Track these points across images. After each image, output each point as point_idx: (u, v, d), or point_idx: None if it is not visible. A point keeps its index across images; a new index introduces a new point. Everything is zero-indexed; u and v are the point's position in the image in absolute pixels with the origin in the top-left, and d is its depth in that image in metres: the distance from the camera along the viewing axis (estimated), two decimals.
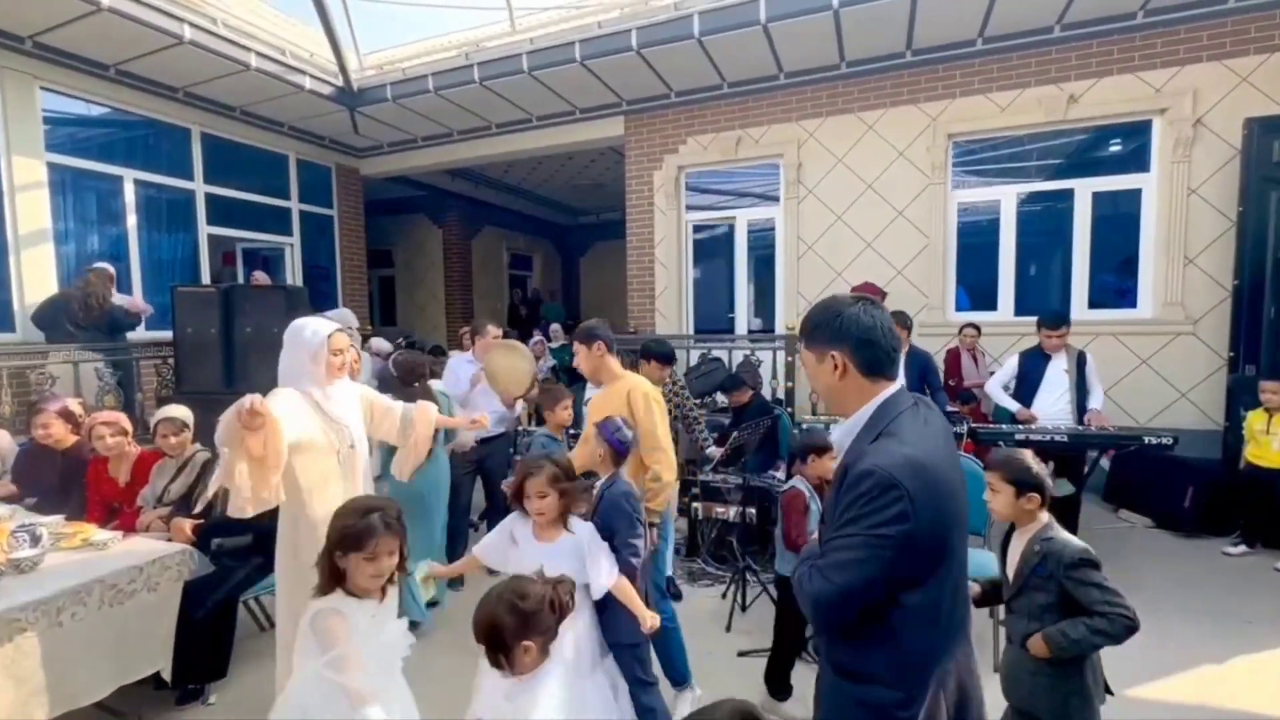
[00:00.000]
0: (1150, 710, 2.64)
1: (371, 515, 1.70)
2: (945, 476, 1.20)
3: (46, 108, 5.31)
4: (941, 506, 1.17)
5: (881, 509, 1.14)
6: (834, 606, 1.19)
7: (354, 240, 8.40)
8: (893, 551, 1.14)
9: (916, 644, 1.20)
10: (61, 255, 5.40)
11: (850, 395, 1.30)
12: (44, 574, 2.27)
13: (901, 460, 1.15)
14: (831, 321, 1.29)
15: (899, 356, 1.31)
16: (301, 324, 2.42)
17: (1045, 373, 4.18)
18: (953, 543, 1.21)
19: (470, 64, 6.15)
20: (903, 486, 1.13)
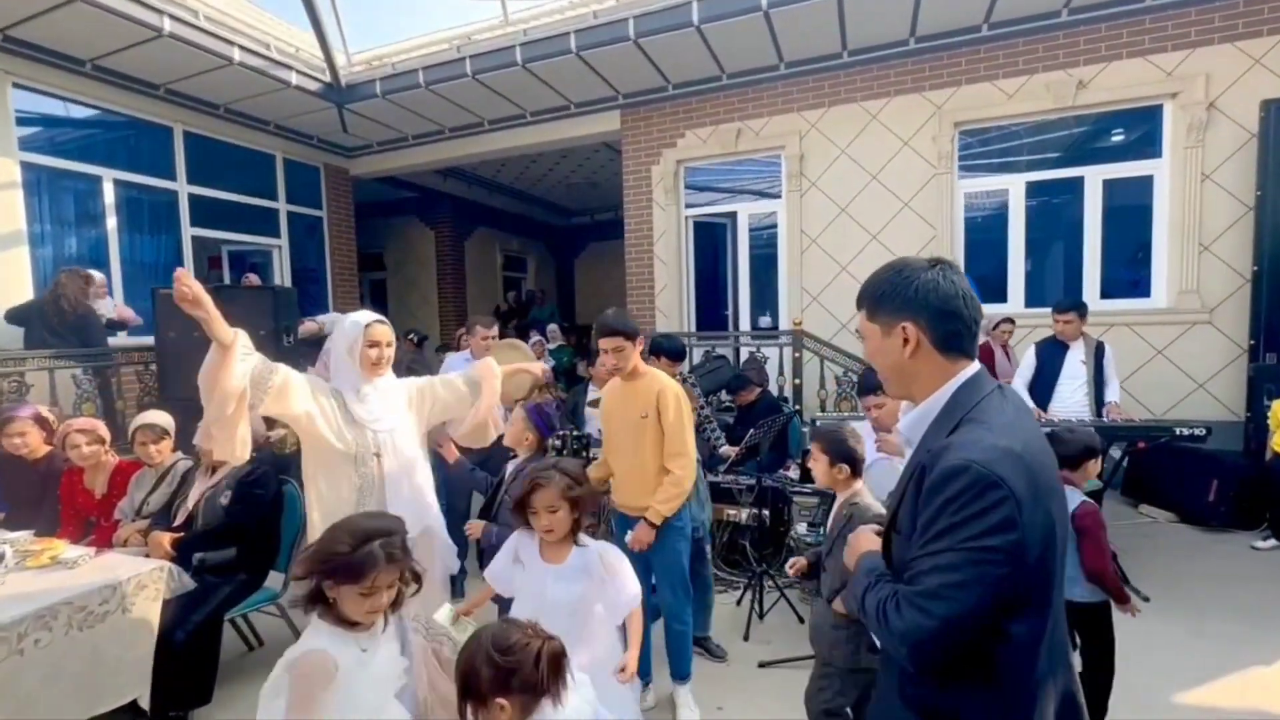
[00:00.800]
0: (1202, 716, 2.49)
1: (371, 543, 1.46)
2: (1047, 472, 1.00)
3: (19, 106, 5.09)
4: (1049, 508, 0.97)
5: (982, 515, 0.92)
6: (936, 644, 0.95)
7: (344, 242, 8.18)
8: (1002, 568, 0.92)
9: (1019, 676, 0.98)
10: (37, 258, 5.18)
11: (922, 376, 1.10)
12: (5, 597, 2.07)
13: (999, 453, 0.94)
14: (904, 288, 1.09)
15: (979, 331, 1.11)
16: (345, 315, 2.37)
17: (1063, 363, 4.06)
18: (1055, 558, 1.00)
19: (462, 57, 5.97)
20: (1006, 485, 0.92)
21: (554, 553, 1.91)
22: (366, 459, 2.18)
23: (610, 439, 2.64)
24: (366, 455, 2.18)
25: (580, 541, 1.93)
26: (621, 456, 2.57)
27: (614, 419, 2.60)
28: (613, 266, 7.26)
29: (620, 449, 2.57)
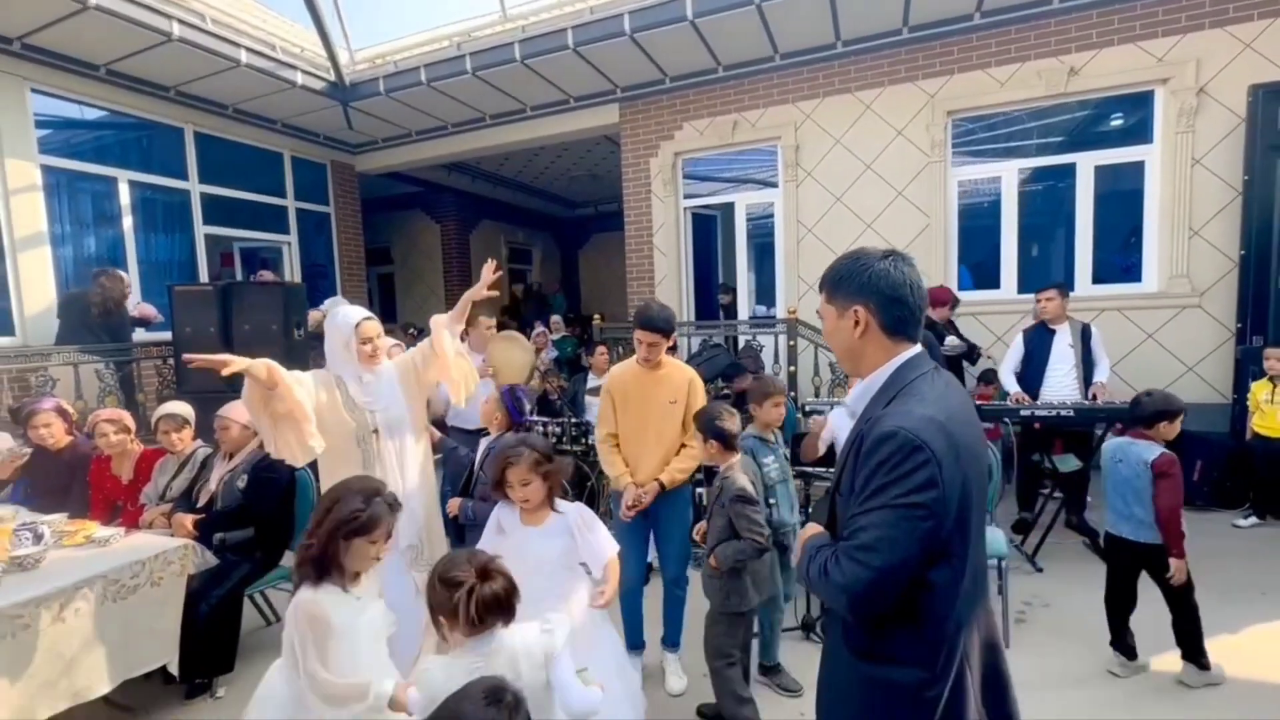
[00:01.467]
0: (1166, 679, 2.62)
1: (376, 500, 1.69)
2: (968, 439, 1.12)
3: (38, 111, 5.28)
4: (967, 471, 1.09)
5: (908, 475, 1.04)
6: (873, 593, 1.07)
7: (351, 237, 8.37)
8: (927, 522, 1.04)
9: (940, 620, 1.10)
10: (59, 258, 5.39)
11: (869, 355, 1.22)
12: (47, 571, 2.27)
13: (925, 421, 1.06)
14: (859, 274, 1.20)
15: (923, 317, 1.23)
16: (336, 312, 2.54)
17: (1051, 348, 4.15)
18: (975, 517, 1.12)
19: (462, 54, 6.10)
20: (929, 448, 1.04)
21: (533, 519, 2.09)
22: (366, 437, 2.41)
23: (629, 422, 2.69)
24: (366, 434, 2.42)
25: (557, 508, 2.11)
26: (644, 438, 2.66)
27: (634, 404, 2.67)
28: (616, 257, 7.39)
29: (641, 431, 2.67)
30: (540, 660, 1.45)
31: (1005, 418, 3.87)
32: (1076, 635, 2.96)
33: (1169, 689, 2.58)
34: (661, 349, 2.63)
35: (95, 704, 2.36)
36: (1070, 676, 2.67)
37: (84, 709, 2.29)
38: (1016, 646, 2.88)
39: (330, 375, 2.46)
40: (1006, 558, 3.03)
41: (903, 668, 1.12)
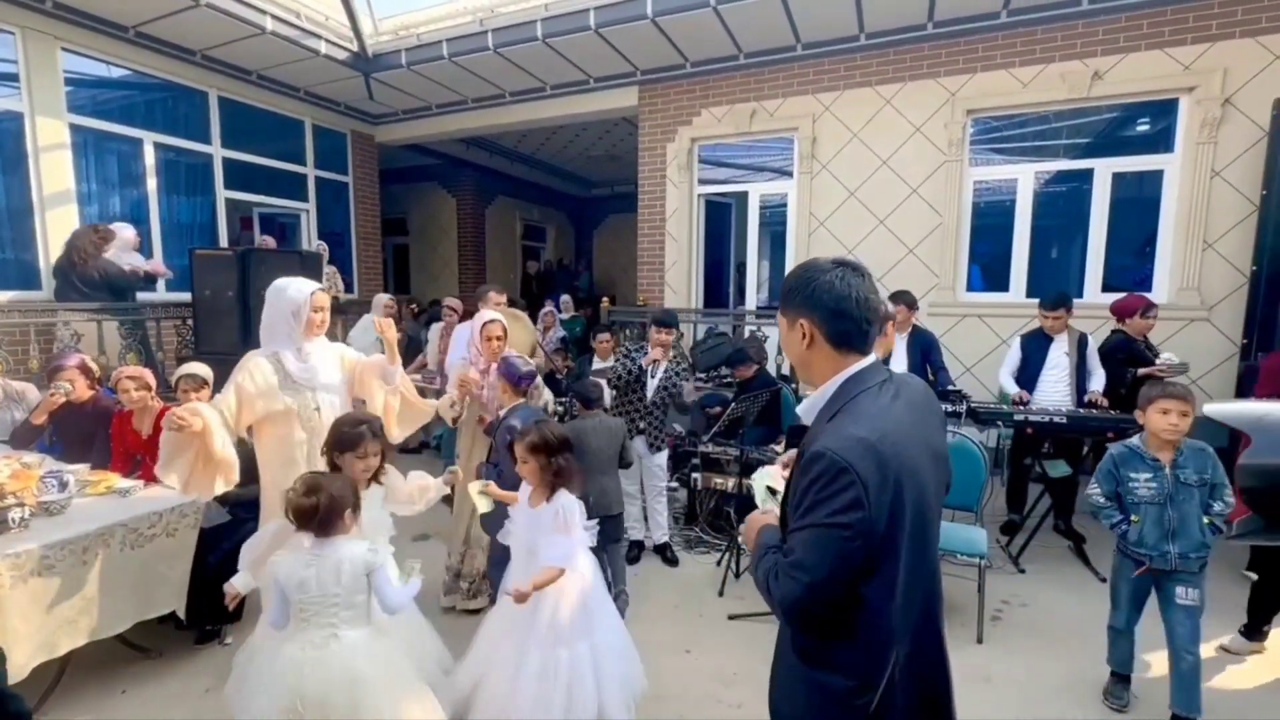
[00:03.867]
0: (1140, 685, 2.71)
1: (361, 425, 2.19)
2: (902, 455, 1.11)
3: (68, 69, 5.39)
4: (898, 490, 1.09)
5: (834, 495, 1.07)
6: (804, 608, 1.13)
7: (368, 207, 8.46)
8: (853, 542, 1.07)
9: (873, 633, 1.14)
10: (85, 216, 5.52)
11: (817, 367, 1.24)
12: (71, 517, 2.42)
13: (852, 442, 1.08)
14: (803, 287, 1.22)
15: (874, 330, 1.22)
16: (285, 282, 2.54)
17: (1047, 355, 4.18)
18: (909, 529, 1.12)
19: (484, 30, 6.11)
20: (853, 470, 1.06)
21: (535, 499, 2.19)
22: (309, 414, 2.51)
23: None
24: (309, 411, 2.51)
25: (554, 498, 2.17)
26: None
27: None
28: (631, 238, 7.43)
29: None
30: (361, 569, 1.82)
31: (999, 421, 3.92)
32: (1048, 634, 3.05)
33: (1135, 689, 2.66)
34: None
35: (113, 643, 2.53)
36: (1038, 673, 2.76)
37: (103, 648, 2.46)
38: (989, 643, 2.98)
39: (264, 358, 2.48)
40: (986, 557, 3.11)
41: (836, 674, 1.17)
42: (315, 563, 1.80)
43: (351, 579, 1.81)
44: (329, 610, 1.80)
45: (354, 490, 1.94)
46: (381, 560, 1.87)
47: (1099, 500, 2.56)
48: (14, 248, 5.22)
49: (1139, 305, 4.29)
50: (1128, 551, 2.50)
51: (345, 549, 1.83)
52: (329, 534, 1.84)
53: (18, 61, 5.07)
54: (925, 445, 1.20)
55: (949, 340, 5.54)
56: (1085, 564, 3.79)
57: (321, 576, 1.79)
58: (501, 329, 3.08)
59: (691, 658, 2.87)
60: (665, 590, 3.51)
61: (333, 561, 1.81)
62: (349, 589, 1.81)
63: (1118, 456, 2.51)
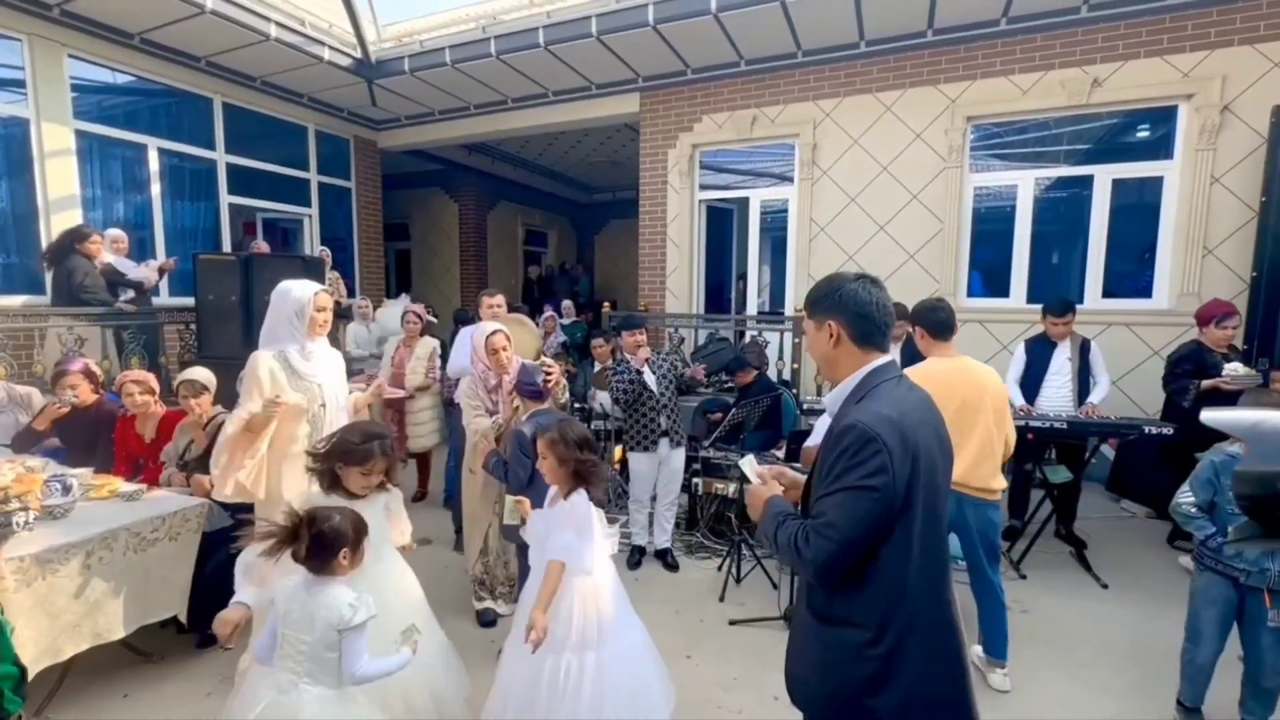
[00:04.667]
0: (1122, 691, 2.71)
1: (372, 441, 2.07)
2: (918, 433, 1.28)
3: (74, 75, 5.43)
4: (915, 461, 1.26)
5: (864, 461, 1.23)
6: (835, 563, 1.26)
7: (371, 212, 8.50)
8: (880, 504, 1.23)
9: (885, 589, 1.28)
10: (90, 221, 5.55)
11: (842, 362, 1.41)
12: (74, 521, 2.43)
13: (879, 418, 1.25)
14: (833, 294, 1.40)
15: (891, 332, 1.40)
16: (289, 284, 2.63)
17: (1051, 361, 4.19)
18: (923, 499, 1.27)
19: (487, 37, 6.15)
20: (880, 440, 1.22)
21: (554, 499, 2.19)
22: (315, 410, 2.58)
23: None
24: (315, 407, 2.58)
25: (571, 498, 2.13)
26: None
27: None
28: (632, 243, 7.46)
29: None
30: (335, 622, 1.65)
31: None
32: (1050, 640, 3.05)
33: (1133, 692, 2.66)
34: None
35: (115, 647, 2.53)
36: (1039, 679, 2.76)
37: (105, 652, 2.47)
38: None
39: (270, 356, 2.54)
40: None
41: (850, 629, 1.31)
42: (302, 599, 1.69)
43: (323, 630, 1.64)
44: (297, 657, 1.66)
45: (356, 527, 1.80)
46: (358, 620, 1.66)
47: (1190, 510, 2.40)
48: (19, 252, 5.25)
49: (1213, 313, 4.05)
50: (1219, 567, 2.34)
51: (329, 597, 1.68)
52: (320, 573, 1.71)
53: (24, 68, 5.11)
54: (935, 431, 1.36)
55: None
56: (1086, 569, 3.78)
57: (301, 617, 1.67)
58: (505, 339, 3.03)
59: (692, 663, 2.87)
60: (666, 596, 3.51)
61: (312, 606, 1.67)
62: (318, 640, 1.64)
63: (1220, 464, 2.34)
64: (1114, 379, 5.12)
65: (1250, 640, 2.33)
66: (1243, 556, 2.27)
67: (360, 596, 1.71)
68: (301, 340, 2.57)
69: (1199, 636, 2.42)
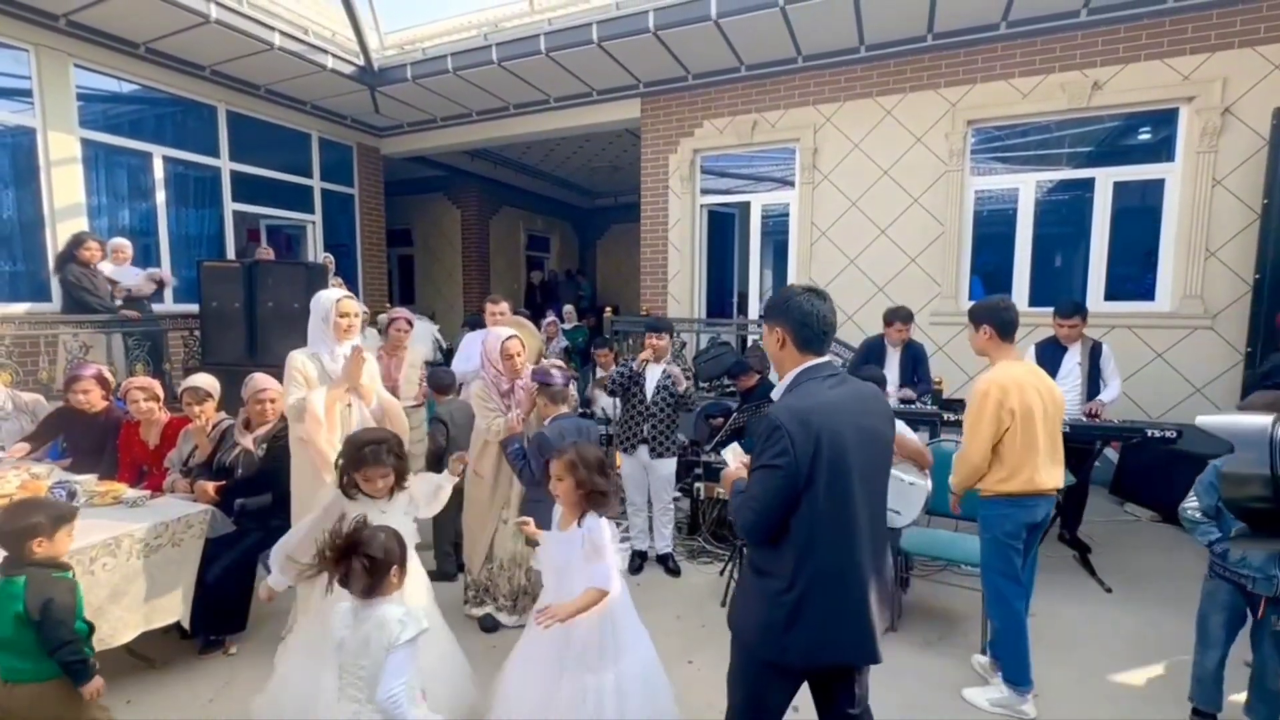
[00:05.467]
0: (1125, 695, 2.69)
1: (366, 448, 2.17)
2: (825, 423, 1.52)
3: (80, 84, 5.48)
4: (818, 446, 1.50)
5: (772, 445, 1.52)
6: (755, 527, 1.58)
7: (374, 218, 8.54)
8: (784, 479, 1.51)
9: (794, 549, 1.56)
10: (95, 229, 5.59)
11: (786, 361, 1.68)
12: (80, 527, 2.41)
13: (787, 409, 1.54)
14: (782, 304, 1.65)
15: (829, 338, 1.64)
16: (320, 293, 2.84)
17: (1061, 364, 4.17)
18: (826, 478, 1.52)
19: (489, 44, 6.20)
20: (784, 428, 1.50)
21: (564, 522, 2.15)
22: (343, 410, 2.69)
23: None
24: (342, 408, 2.69)
25: (583, 521, 2.09)
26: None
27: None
28: (634, 248, 7.48)
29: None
30: (385, 641, 1.63)
31: None
32: (1054, 644, 3.03)
33: (1138, 697, 2.64)
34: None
35: (118, 653, 2.54)
36: (1045, 683, 2.74)
37: (107, 657, 2.47)
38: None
39: (306, 356, 2.72)
40: None
41: (771, 579, 1.61)
42: (353, 625, 1.67)
43: (378, 652, 1.62)
44: (357, 683, 1.65)
45: (400, 542, 1.79)
46: (407, 636, 1.64)
47: (1195, 515, 2.39)
48: (25, 260, 5.30)
49: None
50: (1225, 574, 2.33)
51: (380, 612, 1.66)
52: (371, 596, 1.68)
53: (31, 77, 5.17)
54: (854, 423, 1.58)
55: (952, 349, 5.56)
56: (1090, 573, 3.77)
57: (355, 642, 1.65)
58: (520, 345, 3.10)
59: (694, 668, 2.87)
60: (667, 601, 3.51)
61: (364, 630, 1.65)
62: (376, 664, 1.62)
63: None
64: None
65: (1257, 643, 2.34)
66: (1247, 562, 2.26)
67: (409, 611, 1.69)
68: (331, 344, 2.74)
69: (1206, 640, 2.42)
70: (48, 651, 1.83)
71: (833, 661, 1.64)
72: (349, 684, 1.66)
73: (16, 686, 1.83)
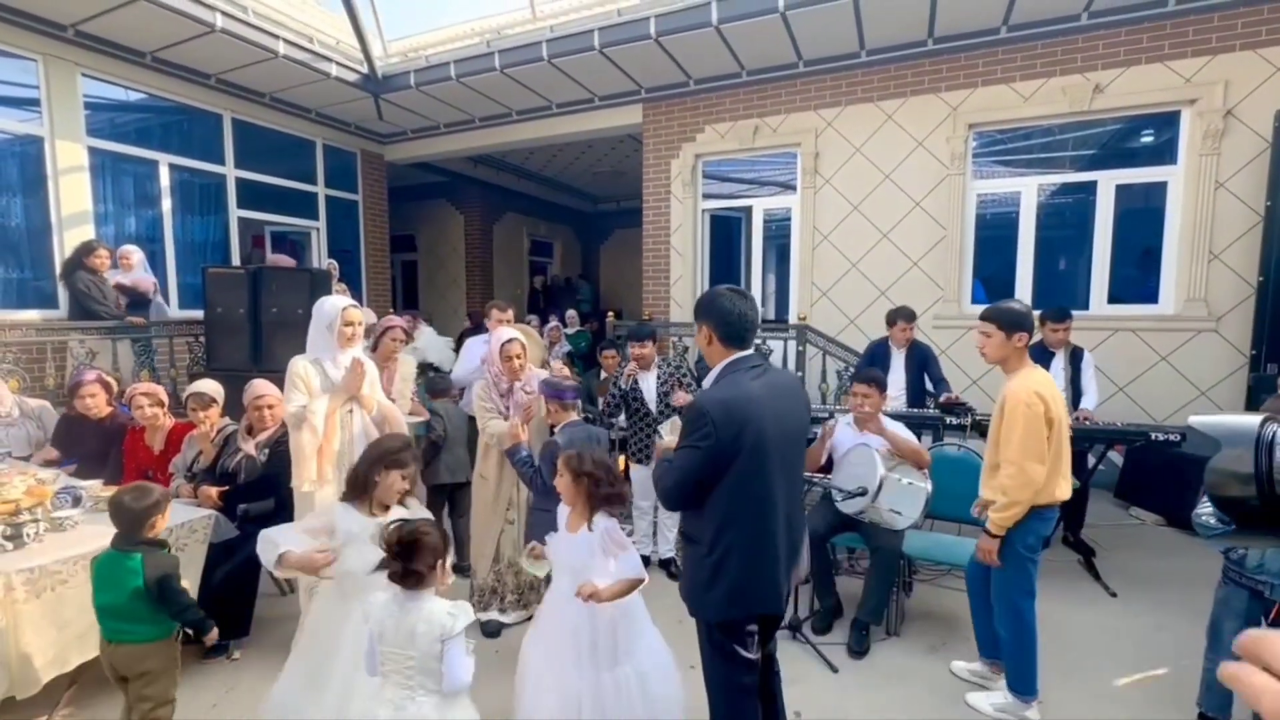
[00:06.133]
0: (1131, 701, 2.68)
1: (408, 448, 2.20)
2: (746, 410, 1.74)
3: (87, 93, 5.54)
4: (740, 431, 1.72)
5: (697, 429, 1.74)
6: (672, 494, 1.83)
7: (378, 225, 8.59)
8: (704, 457, 1.73)
9: (714, 518, 1.79)
10: (101, 237, 5.64)
11: (714, 356, 1.87)
12: (83, 532, 2.46)
13: (711, 398, 1.78)
14: (708, 304, 1.86)
15: (751, 335, 1.86)
16: (324, 300, 2.83)
17: (1049, 369, 4.16)
18: (746, 457, 1.73)
19: (491, 51, 6.24)
20: (708, 415, 1.72)
21: (572, 524, 2.15)
22: (344, 417, 2.73)
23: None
24: (344, 414, 2.72)
25: (592, 524, 2.11)
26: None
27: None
28: (637, 252, 7.51)
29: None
30: (436, 634, 1.68)
31: None
32: (1058, 649, 3.01)
33: (1144, 702, 2.63)
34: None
35: None
36: (1049, 688, 2.73)
37: None
38: None
39: (308, 362, 2.73)
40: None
41: (697, 545, 1.85)
42: (397, 615, 1.71)
43: (427, 642, 1.68)
44: (406, 671, 1.69)
45: (443, 535, 1.83)
46: (460, 627, 1.71)
47: (1210, 521, 2.31)
48: (32, 267, 5.34)
49: None
50: (1241, 580, 2.30)
51: (425, 610, 1.71)
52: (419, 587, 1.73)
53: (39, 87, 5.22)
54: (774, 411, 1.79)
55: (955, 353, 5.55)
56: (1095, 578, 3.75)
57: (399, 633, 1.69)
58: (521, 347, 3.09)
59: (696, 673, 2.84)
60: (669, 605, 3.47)
61: (410, 621, 1.69)
62: (424, 654, 1.68)
63: None
64: (1121, 385, 5.13)
65: None
66: (1264, 568, 2.24)
67: (457, 604, 1.75)
68: (334, 352, 2.75)
69: (1219, 647, 2.40)
70: (171, 615, 2.11)
71: (744, 614, 1.85)
72: (395, 671, 1.70)
73: (120, 646, 2.09)
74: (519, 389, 3.10)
